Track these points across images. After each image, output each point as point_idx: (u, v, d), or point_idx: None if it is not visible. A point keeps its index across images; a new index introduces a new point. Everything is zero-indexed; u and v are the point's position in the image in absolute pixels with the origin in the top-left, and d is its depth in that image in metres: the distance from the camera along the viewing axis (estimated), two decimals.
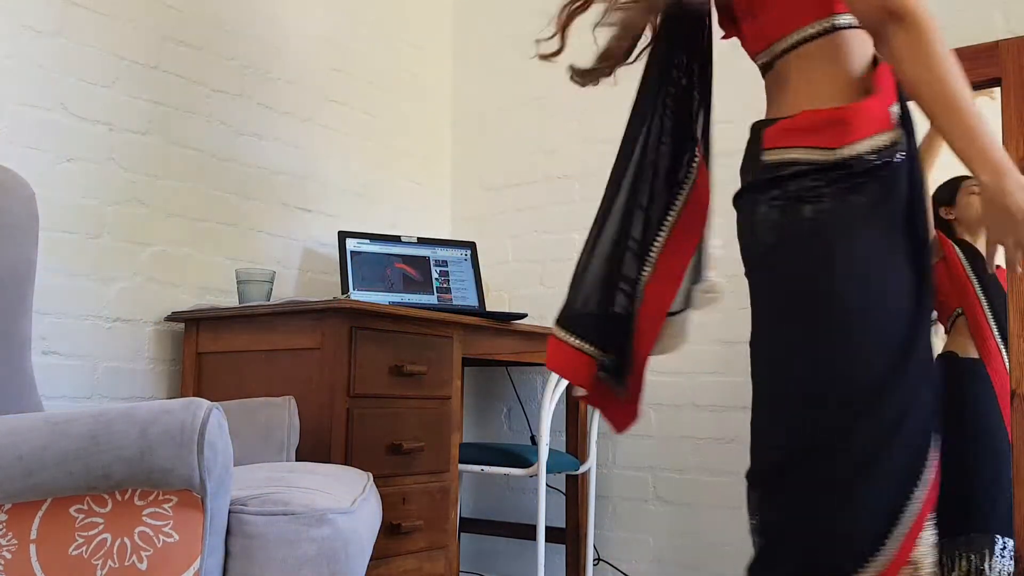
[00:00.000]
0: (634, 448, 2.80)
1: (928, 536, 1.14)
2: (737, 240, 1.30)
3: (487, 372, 3.13)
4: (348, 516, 1.34)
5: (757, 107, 1.36)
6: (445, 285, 2.72)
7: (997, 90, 2.25)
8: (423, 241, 2.75)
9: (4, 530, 1.19)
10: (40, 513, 1.19)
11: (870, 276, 1.16)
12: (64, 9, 2.16)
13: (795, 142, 1.20)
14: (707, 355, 2.68)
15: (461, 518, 2.96)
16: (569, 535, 2.72)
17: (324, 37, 2.84)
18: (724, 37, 1.47)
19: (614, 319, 1.40)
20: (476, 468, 2.42)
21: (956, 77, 1.11)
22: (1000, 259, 1.20)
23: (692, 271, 1.45)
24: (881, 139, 1.18)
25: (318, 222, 2.77)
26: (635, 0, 1.45)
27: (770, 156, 1.22)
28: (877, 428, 1.13)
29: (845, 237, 1.16)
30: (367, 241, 2.64)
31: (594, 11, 1.48)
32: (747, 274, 1.30)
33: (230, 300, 2.46)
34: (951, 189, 2.30)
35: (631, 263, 1.41)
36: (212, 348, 2.23)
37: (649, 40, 1.50)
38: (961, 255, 2.23)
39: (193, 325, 2.27)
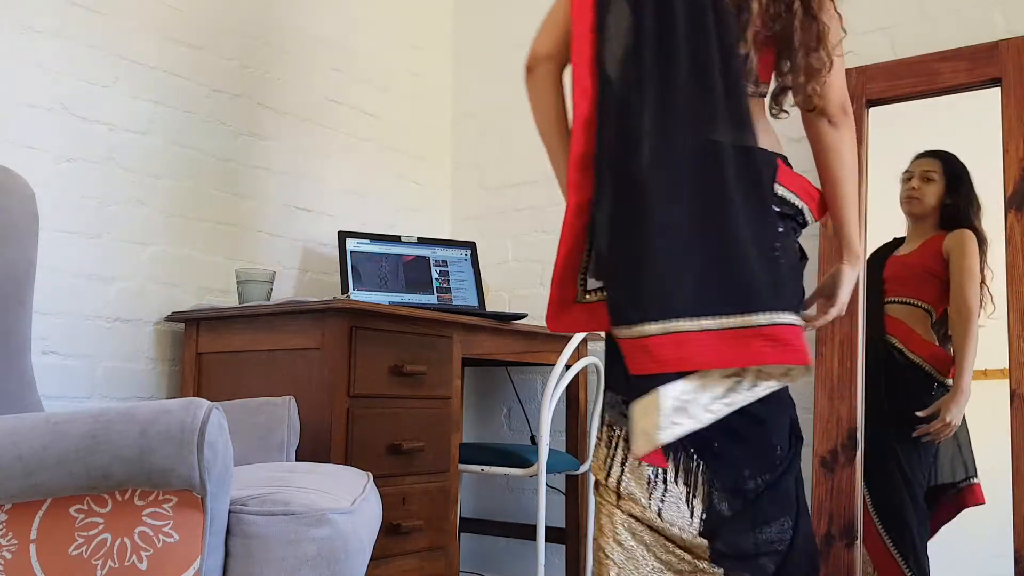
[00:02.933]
0: None
1: None
2: None
3: (487, 372, 3.13)
4: (348, 516, 1.34)
5: None
6: (445, 285, 2.72)
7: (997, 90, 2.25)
8: (423, 241, 2.75)
9: (4, 530, 1.19)
10: (40, 513, 1.19)
11: None
12: (64, 9, 2.16)
13: (795, 190, 1.45)
14: None
15: (461, 518, 2.96)
16: (569, 535, 2.72)
17: (324, 37, 2.84)
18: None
19: None
20: (476, 468, 2.42)
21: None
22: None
23: None
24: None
25: (318, 222, 2.77)
26: None
27: (780, 191, 1.43)
28: None
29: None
30: (367, 241, 2.64)
31: None
32: None
33: (230, 300, 2.45)
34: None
35: None
36: (212, 348, 2.23)
37: None
38: None
39: (193, 325, 2.27)
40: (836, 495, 2.26)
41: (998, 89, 2.25)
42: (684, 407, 1.26)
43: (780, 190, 1.41)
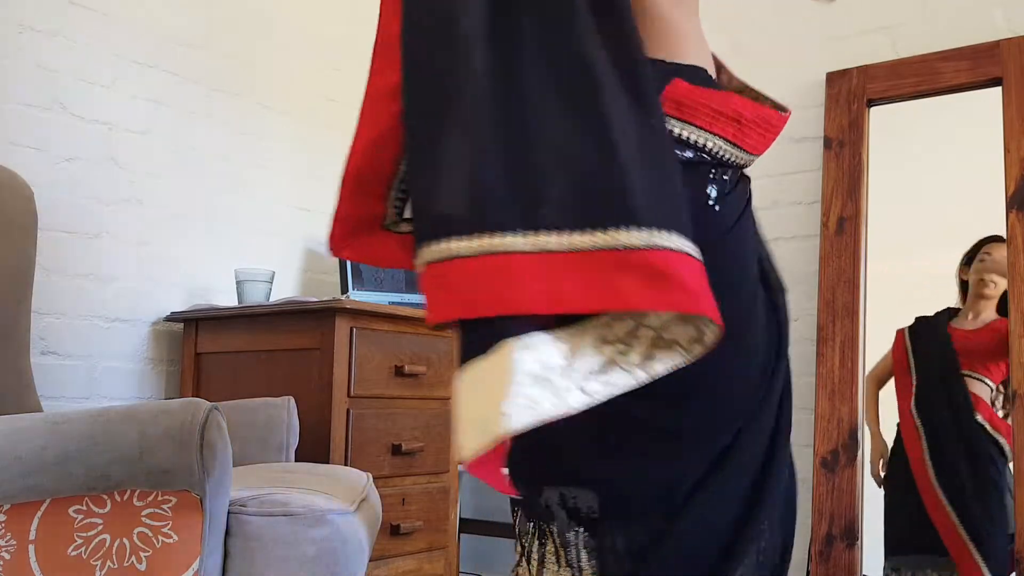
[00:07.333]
0: None
1: None
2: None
3: None
4: (348, 516, 1.34)
5: None
6: None
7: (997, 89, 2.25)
8: None
9: (3, 531, 1.19)
10: (39, 514, 1.19)
11: None
12: (64, 9, 2.16)
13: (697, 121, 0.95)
14: None
15: (461, 518, 2.95)
16: None
17: (324, 37, 2.84)
18: None
19: None
20: None
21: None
22: None
23: None
24: None
25: (318, 222, 2.77)
26: None
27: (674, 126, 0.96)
28: None
29: None
30: None
31: None
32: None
33: (230, 300, 2.45)
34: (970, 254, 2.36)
35: None
36: (211, 348, 2.23)
37: None
38: None
39: (192, 325, 2.27)
40: (837, 495, 2.26)
41: (999, 89, 2.24)
42: (547, 378, 0.75)
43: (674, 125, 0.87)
